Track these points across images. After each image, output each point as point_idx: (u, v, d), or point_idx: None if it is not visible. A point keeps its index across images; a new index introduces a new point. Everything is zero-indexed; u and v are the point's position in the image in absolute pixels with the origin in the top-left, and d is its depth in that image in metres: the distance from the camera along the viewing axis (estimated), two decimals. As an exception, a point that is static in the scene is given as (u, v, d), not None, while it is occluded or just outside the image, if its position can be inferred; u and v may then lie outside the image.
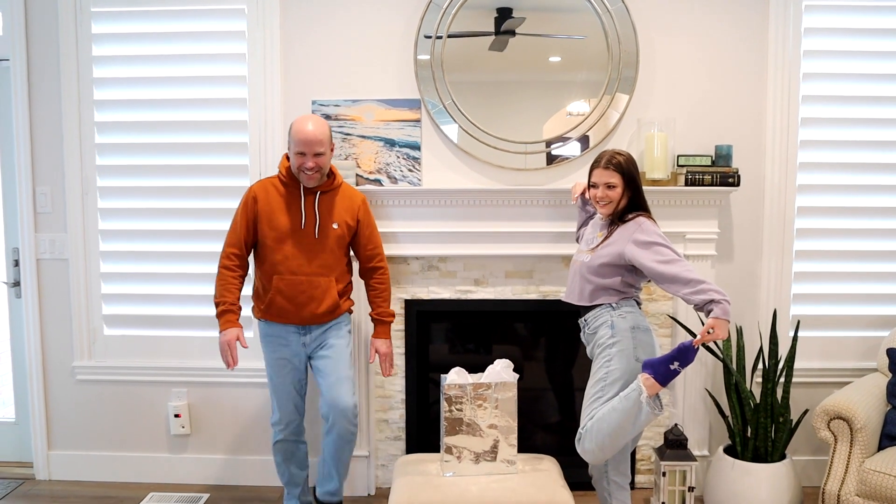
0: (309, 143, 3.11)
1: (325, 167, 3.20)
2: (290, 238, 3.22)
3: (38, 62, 3.86)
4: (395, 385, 3.85)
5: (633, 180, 2.99)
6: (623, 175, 2.96)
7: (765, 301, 3.84)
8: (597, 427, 2.87)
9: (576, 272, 3.07)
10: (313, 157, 3.12)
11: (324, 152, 3.15)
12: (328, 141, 3.19)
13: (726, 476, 3.45)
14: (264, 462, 3.99)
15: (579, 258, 3.08)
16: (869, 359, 3.82)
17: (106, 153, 3.91)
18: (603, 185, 2.98)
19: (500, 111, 3.76)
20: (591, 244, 3.06)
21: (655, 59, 3.75)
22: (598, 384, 2.94)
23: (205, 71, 3.87)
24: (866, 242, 3.86)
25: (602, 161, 3.00)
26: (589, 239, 3.11)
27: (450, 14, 3.68)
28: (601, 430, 2.86)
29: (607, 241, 2.97)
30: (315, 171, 3.15)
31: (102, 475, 4.05)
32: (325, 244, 3.24)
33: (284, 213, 3.22)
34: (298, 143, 3.12)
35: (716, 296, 2.73)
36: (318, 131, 3.14)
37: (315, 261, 3.23)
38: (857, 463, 3.12)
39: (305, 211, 3.22)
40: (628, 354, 2.92)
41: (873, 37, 3.77)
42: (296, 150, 3.14)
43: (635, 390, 2.81)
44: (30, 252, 3.95)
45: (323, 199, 3.25)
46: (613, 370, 2.91)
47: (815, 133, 3.80)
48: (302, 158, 3.13)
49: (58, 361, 4.02)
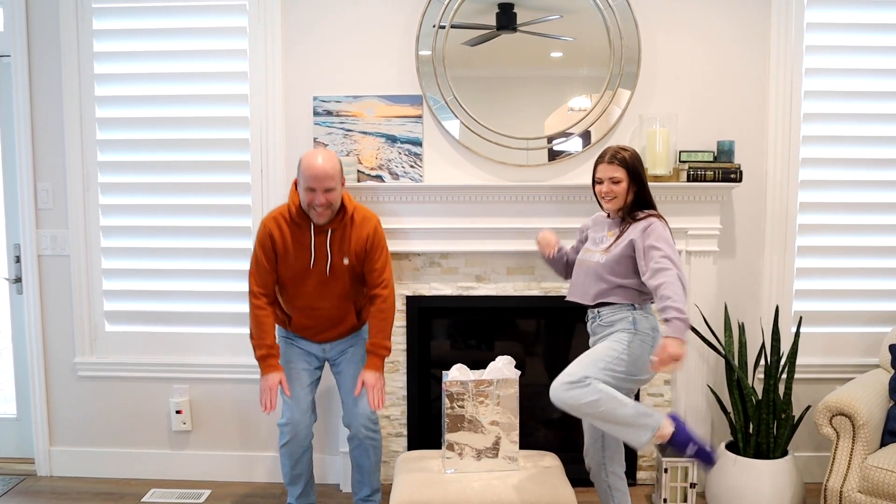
0: (319, 179, 3.01)
1: (335, 203, 3.10)
2: (304, 275, 3.19)
3: (39, 58, 3.86)
4: (396, 382, 3.85)
5: (638, 175, 2.95)
6: (628, 170, 2.92)
7: (767, 297, 3.83)
8: (604, 399, 2.70)
9: (587, 272, 2.98)
10: (323, 192, 3.03)
11: (334, 187, 3.05)
12: (339, 175, 3.09)
13: (728, 472, 3.44)
14: (266, 458, 4.00)
15: (590, 258, 2.99)
16: (871, 355, 3.82)
17: (107, 149, 3.91)
18: (608, 179, 2.94)
19: (501, 107, 3.75)
20: (602, 244, 3.00)
21: (657, 54, 3.74)
22: (609, 354, 2.81)
23: (206, 67, 3.86)
24: (869, 238, 3.85)
25: (606, 156, 2.97)
26: (597, 239, 3.05)
27: (451, 9, 3.67)
28: (599, 405, 2.71)
29: (619, 239, 2.92)
30: (325, 208, 3.07)
31: (104, 471, 4.06)
32: (339, 278, 3.21)
33: (297, 250, 3.17)
34: (308, 178, 3.02)
35: (673, 313, 2.63)
36: (329, 166, 3.03)
37: (331, 294, 3.21)
38: (860, 459, 3.12)
39: (316, 252, 3.16)
40: (645, 352, 2.85)
41: (876, 32, 3.75)
42: (305, 185, 3.04)
43: (652, 422, 2.72)
44: (31, 248, 3.95)
45: (334, 237, 3.18)
46: (624, 356, 2.81)
47: (817, 129, 3.78)
48: (312, 195, 3.04)
49: (59, 358, 4.02)
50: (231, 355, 3.97)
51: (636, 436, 2.72)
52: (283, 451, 3.31)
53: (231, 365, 3.96)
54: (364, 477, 3.39)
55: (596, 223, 3.14)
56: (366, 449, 3.31)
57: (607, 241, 2.98)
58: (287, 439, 3.26)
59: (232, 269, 3.91)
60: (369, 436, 3.29)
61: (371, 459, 3.35)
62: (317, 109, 3.77)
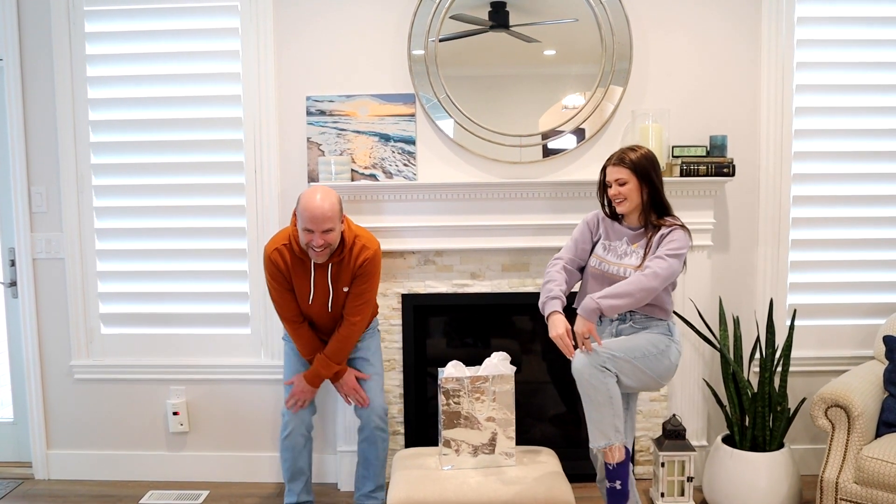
0: (317, 221, 3.02)
1: (333, 243, 3.13)
2: (308, 304, 3.27)
3: (32, 61, 3.86)
4: (392, 380, 3.85)
5: (648, 176, 2.88)
6: (634, 171, 2.86)
7: (761, 290, 3.84)
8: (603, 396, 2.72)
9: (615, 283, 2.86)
10: (321, 234, 3.05)
11: (333, 228, 3.06)
12: (338, 215, 3.10)
13: (725, 465, 3.45)
14: (263, 458, 4.00)
15: (619, 273, 2.89)
16: (866, 347, 3.83)
17: (101, 152, 3.90)
18: (614, 181, 2.90)
19: (494, 105, 3.76)
20: (627, 257, 2.91)
21: (649, 50, 3.75)
22: (650, 351, 2.82)
23: (199, 68, 3.86)
24: (862, 231, 3.86)
25: (613, 158, 2.93)
26: (619, 251, 2.96)
27: (443, 7, 3.68)
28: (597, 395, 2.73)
29: (652, 249, 2.87)
30: (323, 249, 3.09)
31: (101, 474, 4.06)
32: (340, 304, 3.30)
33: (299, 280, 3.24)
34: (306, 220, 3.04)
35: (596, 296, 2.76)
36: (327, 206, 3.03)
37: (335, 315, 3.33)
38: (855, 450, 3.12)
39: (316, 287, 3.23)
40: (674, 363, 2.90)
41: (866, 25, 3.76)
42: (304, 226, 3.06)
43: (613, 438, 2.75)
44: (26, 252, 3.94)
45: (334, 271, 3.23)
46: (662, 358, 2.84)
47: (809, 122, 3.80)
48: (310, 235, 3.06)
49: (55, 361, 4.02)
50: (227, 356, 3.97)
51: (594, 436, 2.77)
52: (283, 443, 3.37)
53: (228, 366, 3.96)
54: (370, 472, 3.43)
55: (609, 231, 3.04)
56: (375, 442, 3.37)
57: (634, 254, 2.91)
58: (289, 430, 3.34)
59: (227, 270, 3.92)
60: (380, 426, 3.36)
61: (379, 453, 3.40)
62: (310, 109, 3.78)
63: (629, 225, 2.99)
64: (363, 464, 3.46)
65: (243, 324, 3.95)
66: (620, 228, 3.00)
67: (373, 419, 3.35)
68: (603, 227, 3.06)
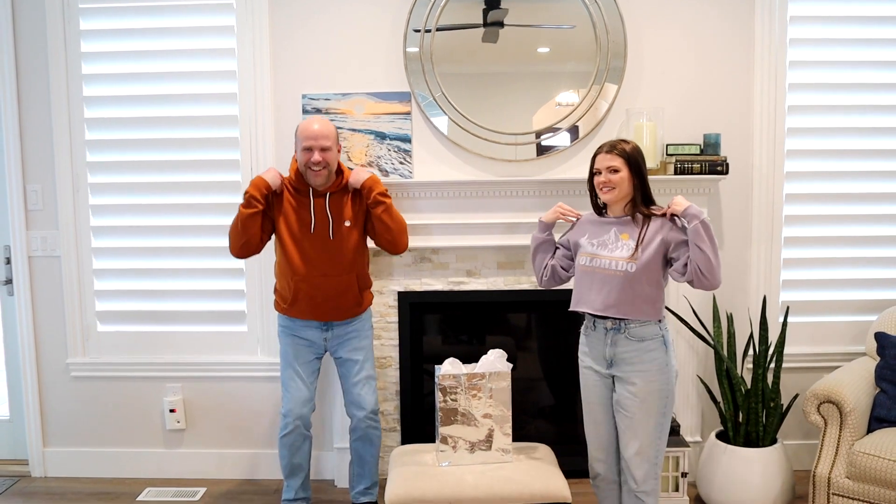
0: (315, 137, 3.14)
1: (332, 164, 3.20)
2: (306, 240, 3.25)
3: (27, 59, 3.85)
4: (389, 377, 3.87)
5: (639, 168, 2.84)
6: (627, 161, 2.82)
7: (755, 287, 3.87)
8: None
9: (604, 281, 2.81)
10: (320, 151, 3.14)
11: (330, 147, 3.17)
12: (334, 137, 3.21)
13: (719, 461, 3.48)
14: (260, 455, 4.02)
15: (609, 266, 2.80)
16: (858, 343, 3.86)
17: (96, 150, 3.91)
18: (605, 168, 2.82)
19: (489, 103, 3.77)
20: (618, 249, 2.82)
21: (643, 48, 3.77)
22: (659, 420, 2.84)
23: (194, 66, 3.86)
24: (854, 228, 3.89)
25: (605, 147, 2.87)
26: (605, 243, 2.86)
27: (438, 6, 3.69)
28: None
29: (645, 241, 2.78)
30: (322, 168, 3.16)
31: (98, 471, 4.06)
32: (341, 244, 3.26)
33: (298, 215, 3.25)
34: (304, 138, 3.15)
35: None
36: (324, 127, 3.18)
37: (333, 261, 3.26)
38: (847, 446, 3.16)
39: (316, 214, 3.23)
40: (674, 372, 2.89)
41: (858, 24, 3.80)
42: (302, 145, 3.16)
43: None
44: (21, 249, 3.94)
45: (333, 200, 3.26)
46: (670, 402, 2.87)
47: (801, 121, 3.83)
48: (308, 154, 3.15)
49: (52, 358, 4.03)
50: (224, 353, 3.98)
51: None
52: (282, 441, 3.38)
53: (224, 363, 3.97)
54: (364, 469, 3.47)
55: (594, 225, 2.95)
56: (369, 438, 3.42)
57: (625, 244, 2.81)
58: (289, 430, 3.35)
59: (223, 268, 3.92)
60: (371, 425, 3.40)
61: (373, 450, 3.45)
62: (306, 107, 3.78)
63: (614, 215, 2.91)
64: (357, 461, 3.48)
65: (240, 321, 3.96)
66: (605, 220, 2.92)
67: (364, 419, 3.38)
68: (580, 230, 2.99)
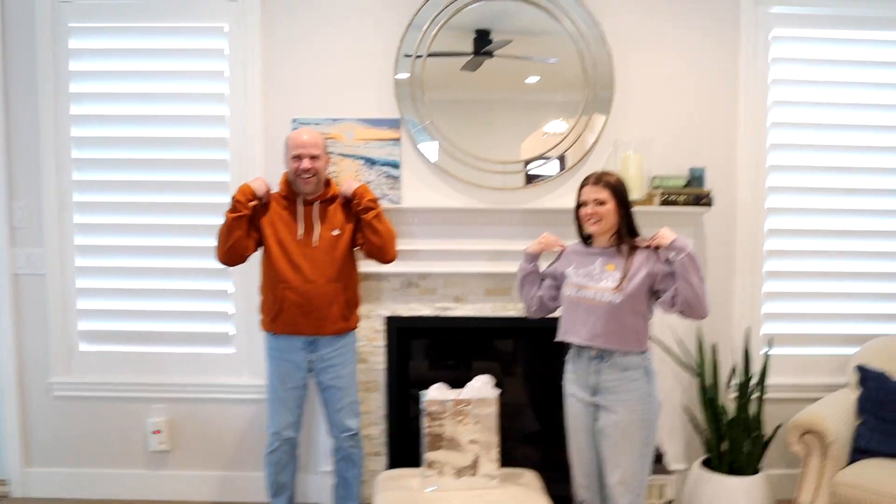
0: (304, 146, 3.22)
1: (321, 172, 3.28)
2: (293, 246, 3.27)
3: (15, 77, 3.85)
4: (375, 401, 3.87)
5: (625, 200, 2.90)
6: (614, 193, 2.87)
7: (738, 318, 3.92)
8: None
9: (589, 311, 2.85)
10: (309, 159, 3.22)
11: (319, 155, 3.25)
12: (323, 147, 3.30)
13: (703, 489, 3.51)
14: (245, 478, 3.99)
15: (595, 297, 2.84)
16: (839, 375, 3.90)
17: (83, 168, 3.90)
18: (592, 201, 2.87)
19: (478, 130, 3.81)
20: (604, 280, 2.85)
21: (630, 82, 3.83)
22: (641, 450, 2.86)
23: (184, 88, 3.88)
24: (835, 263, 3.97)
25: (591, 178, 2.92)
26: (591, 274, 2.89)
27: (430, 35, 3.73)
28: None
29: (631, 273, 2.82)
30: (311, 175, 3.23)
31: (80, 492, 4.02)
32: (328, 252, 3.29)
33: (286, 224, 3.29)
34: (294, 146, 3.24)
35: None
36: (313, 137, 3.27)
37: (320, 268, 3.28)
38: (829, 476, 3.20)
39: (304, 221, 3.28)
40: (657, 404, 2.91)
41: (837, 66, 3.92)
42: (292, 154, 3.24)
43: None
44: (6, 267, 3.92)
45: (321, 208, 3.32)
46: (652, 432, 2.88)
47: (782, 157, 3.92)
48: (297, 162, 3.23)
49: (34, 377, 3.99)
50: (210, 375, 3.97)
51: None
52: (269, 458, 3.40)
53: (210, 385, 3.96)
54: (348, 491, 3.47)
55: (579, 255, 2.99)
56: (351, 460, 3.43)
57: (611, 275, 2.85)
58: (276, 446, 3.38)
59: (209, 290, 3.93)
60: (353, 444, 3.42)
61: (355, 470, 3.46)
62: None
63: (600, 246, 2.95)
64: (342, 484, 3.49)
65: (226, 343, 3.95)
66: (590, 251, 2.96)
67: (346, 439, 3.41)
68: (566, 260, 3.03)
